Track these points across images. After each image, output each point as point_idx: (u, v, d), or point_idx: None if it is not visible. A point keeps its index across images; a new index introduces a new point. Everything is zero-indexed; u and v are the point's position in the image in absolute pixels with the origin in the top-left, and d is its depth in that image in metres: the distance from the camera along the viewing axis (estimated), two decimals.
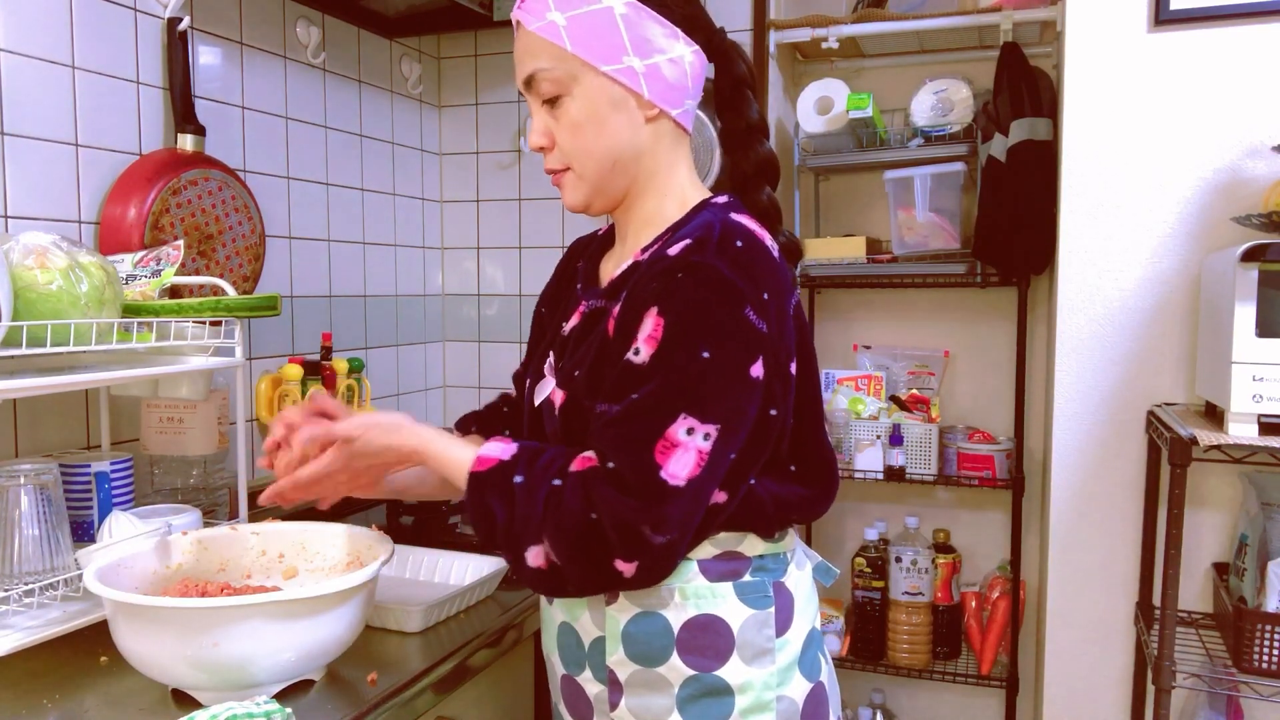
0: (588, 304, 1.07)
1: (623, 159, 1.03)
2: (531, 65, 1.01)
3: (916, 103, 2.14)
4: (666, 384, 0.91)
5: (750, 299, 0.93)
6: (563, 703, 1.10)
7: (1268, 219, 1.56)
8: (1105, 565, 1.89)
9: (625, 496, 0.89)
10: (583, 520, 0.90)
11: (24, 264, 1.11)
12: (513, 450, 0.96)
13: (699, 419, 0.90)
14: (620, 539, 0.89)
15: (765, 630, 1.01)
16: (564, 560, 0.91)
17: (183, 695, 1.01)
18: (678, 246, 0.95)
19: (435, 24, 2.17)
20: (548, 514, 0.91)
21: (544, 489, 0.92)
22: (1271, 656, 1.57)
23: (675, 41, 1.01)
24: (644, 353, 0.92)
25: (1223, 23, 1.76)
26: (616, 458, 0.90)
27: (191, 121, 1.61)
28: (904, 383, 2.32)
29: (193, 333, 1.35)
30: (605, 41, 0.98)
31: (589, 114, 1.00)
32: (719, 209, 1.02)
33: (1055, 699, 1.94)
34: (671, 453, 0.90)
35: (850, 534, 2.42)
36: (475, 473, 0.96)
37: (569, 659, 1.07)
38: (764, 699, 1.00)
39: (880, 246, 2.26)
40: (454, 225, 2.47)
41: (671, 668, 0.99)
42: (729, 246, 0.94)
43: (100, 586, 0.97)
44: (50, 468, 1.18)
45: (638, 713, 1.01)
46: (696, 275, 0.92)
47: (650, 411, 0.91)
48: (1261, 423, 1.51)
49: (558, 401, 1.02)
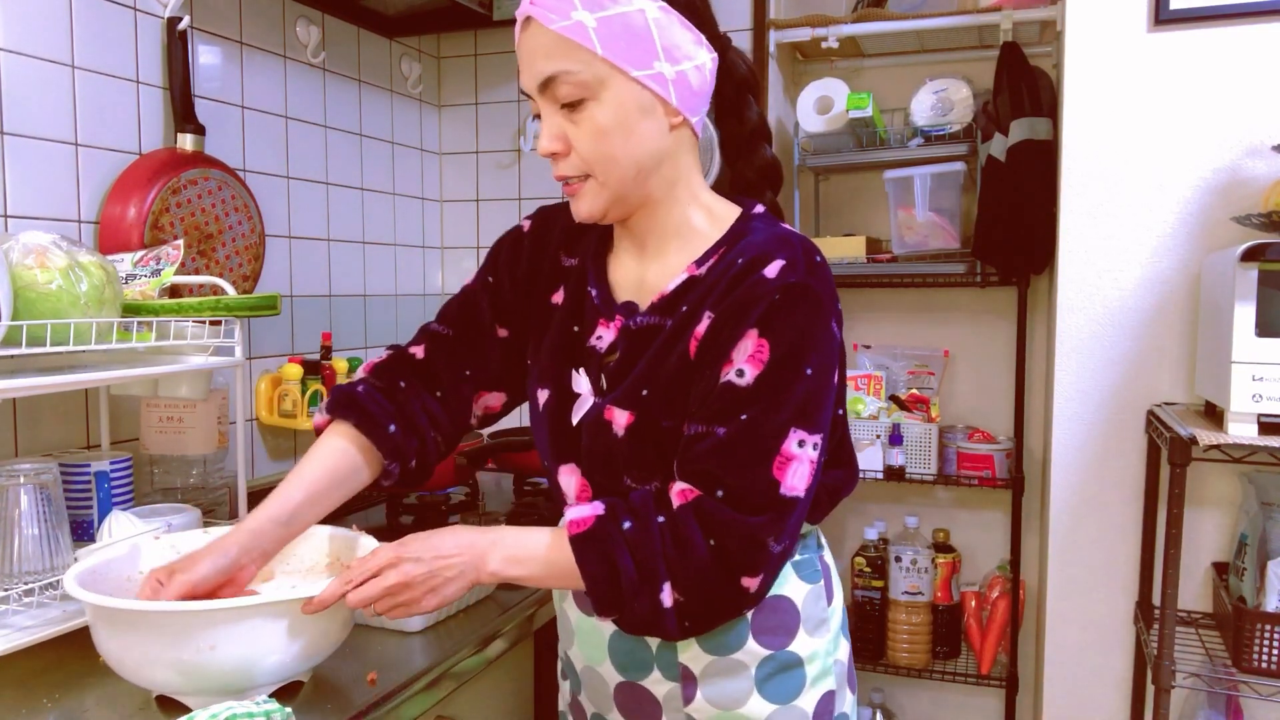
0: (634, 320, 1.03)
1: (647, 167, 1.00)
2: (551, 67, 0.95)
3: (916, 102, 2.14)
4: (778, 405, 0.93)
5: (833, 312, 0.98)
6: (617, 710, 1.09)
7: (1267, 219, 1.56)
8: (1105, 565, 1.89)
9: (747, 515, 0.92)
10: (704, 549, 0.92)
11: (24, 263, 1.11)
12: (600, 505, 0.96)
13: (808, 431, 0.94)
14: (746, 558, 0.92)
15: (820, 602, 1.07)
16: (691, 594, 0.93)
17: (168, 701, 1.00)
18: (774, 268, 0.96)
19: (435, 23, 2.17)
20: (668, 550, 0.92)
21: (655, 527, 0.93)
22: (1271, 656, 1.57)
23: (700, 48, 1.00)
24: (749, 374, 0.94)
25: (1222, 22, 1.76)
26: (732, 481, 0.93)
27: (191, 121, 1.61)
28: (904, 382, 2.32)
29: (192, 332, 1.35)
30: (638, 46, 0.95)
31: (618, 121, 0.96)
32: (767, 220, 1.05)
33: (1055, 698, 1.94)
34: (788, 467, 0.93)
35: (850, 533, 2.42)
36: (578, 535, 0.94)
37: (630, 664, 1.07)
38: (826, 665, 1.06)
39: (880, 246, 2.26)
40: (454, 225, 2.47)
41: (748, 651, 1.02)
42: (814, 264, 0.98)
43: (83, 592, 0.95)
44: (50, 467, 1.18)
45: (715, 701, 1.03)
46: (797, 296, 0.95)
47: (763, 431, 0.93)
48: (1261, 422, 1.51)
49: (622, 421, 1.00)
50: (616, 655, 1.08)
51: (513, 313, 1.16)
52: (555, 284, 1.14)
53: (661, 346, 1.00)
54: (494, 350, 1.16)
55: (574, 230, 1.15)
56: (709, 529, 0.92)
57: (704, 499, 0.93)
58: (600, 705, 1.12)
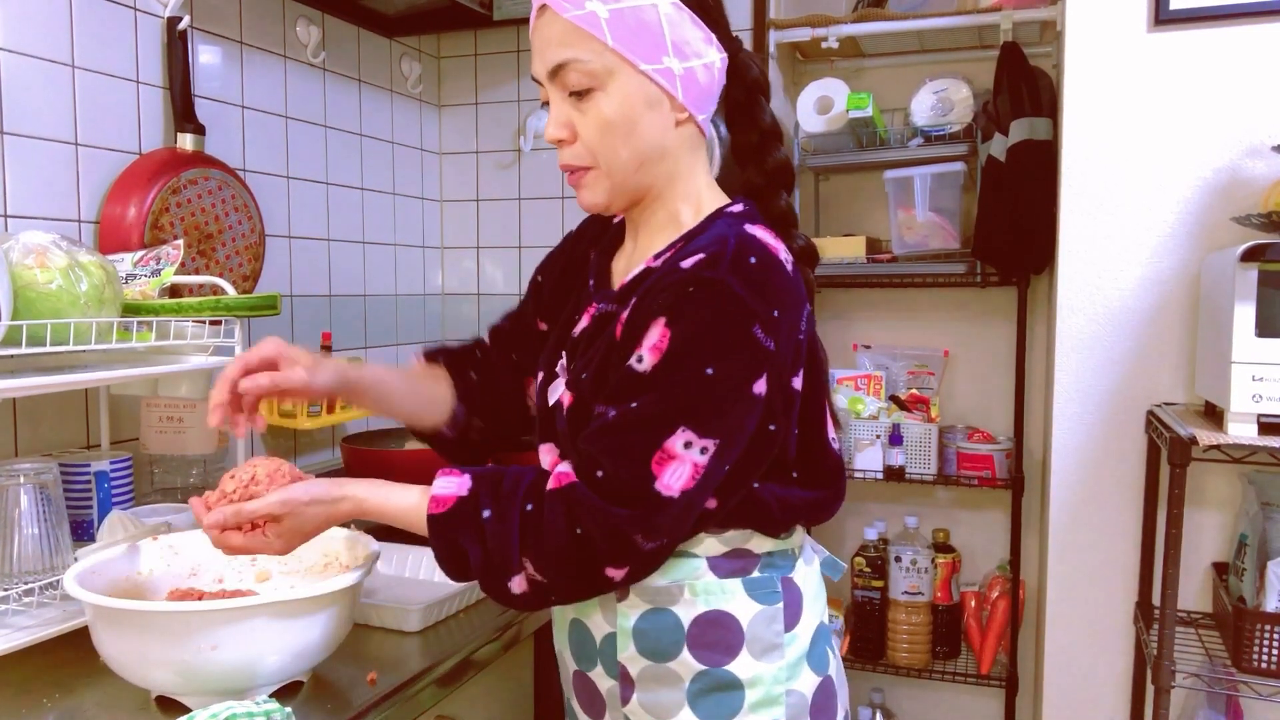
0: (598, 307, 1.06)
1: (649, 160, 1.00)
2: (563, 54, 0.96)
3: (916, 102, 2.14)
4: (668, 396, 0.91)
5: (760, 316, 0.92)
6: (575, 699, 1.10)
7: (1267, 219, 1.56)
8: (1105, 565, 1.89)
9: (616, 506, 0.90)
10: (567, 537, 0.90)
11: (24, 263, 1.11)
12: (468, 483, 0.95)
13: (697, 433, 0.91)
14: (610, 548, 0.91)
15: (774, 625, 1.01)
16: (550, 577, 0.92)
17: (168, 701, 1.00)
18: (691, 260, 0.94)
19: (435, 23, 2.17)
20: (526, 540, 0.92)
21: (516, 517, 0.92)
22: (1271, 656, 1.57)
23: (710, 47, 1.00)
24: (647, 361, 0.92)
25: (1222, 22, 1.76)
26: (610, 465, 0.91)
27: (191, 121, 1.61)
28: (903, 382, 2.32)
29: (192, 332, 1.35)
30: (647, 39, 0.96)
31: (623, 112, 0.97)
32: (734, 219, 1.02)
33: (1055, 698, 1.94)
34: (668, 464, 0.90)
35: (850, 533, 2.42)
36: (436, 515, 0.94)
37: (581, 655, 1.07)
38: (774, 693, 1.00)
39: (880, 246, 2.26)
40: (454, 224, 2.47)
41: (682, 663, 1.00)
42: (742, 262, 0.93)
43: (83, 592, 0.95)
44: (50, 467, 1.18)
45: (649, 708, 1.01)
46: (708, 291, 0.92)
47: (649, 422, 0.91)
48: (1261, 422, 1.51)
49: (565, 403, 1.02)
50: (572, 643, 1.09)
51: (550, 308, 1.21)
52: (584, 277, 1.16)
53: (604, 332, 1.02)
54: (535, 341, 1.22)
55: (605, 225, 1.19)
56: (574, 516, 0.90)
57: (575, 486, 0.91)
58: (567, 690, 1.13)
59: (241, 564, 1.19)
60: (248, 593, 1.14)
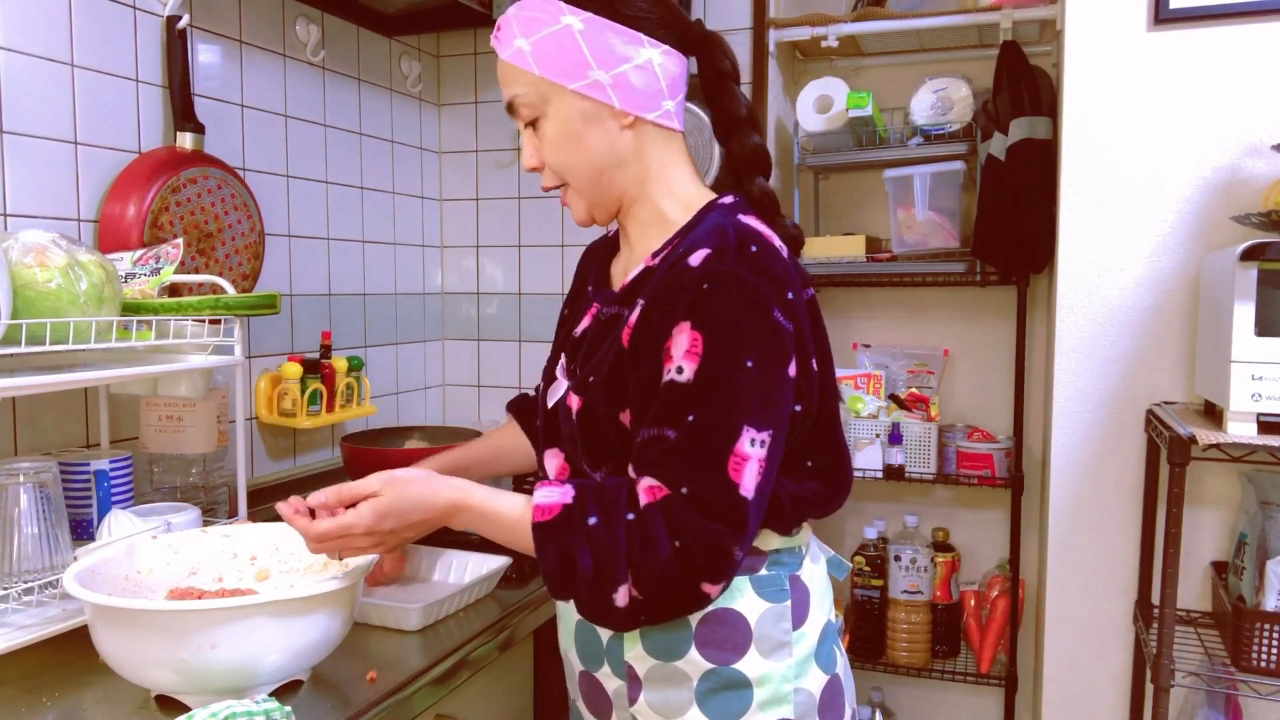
0: (600, 309, 1.07)
1: (607, 169, 1.05)
2: (509, 91, 1.05)
3: (916, 101, 2.14)
4: (722, 401, 0.92)
5: (776, 301, 0.95)
6: (581, 699, 1.10)
7: (1267, 218, 1.56)
8: (1104, 564, 1.89)
9: (711, 520, 0.90)
10: (669, 549, 0.91)
11: (23, 262, 1.11)
12: (570, 492, 0.95)
13: (757, 428, 0.92)
14: (709, 563, 0.91)
15: (782, 624, 1.02)
16: (649, 593, 0.91)
17: (167, 700, 1.00)
18: (698, 256, 0.95)
19: (435, 22, 2.17)
20: (633, 548, 0.91)
21: (622, 525, 0.92)
22: (1270, 655, 1.57)
23: (639, 47, 1.01)
24: (688, 371, 0.92)
25: (1222, 22, 1.76)
26: (690, 482, 0.91)
27: (191, 120, 1.61)
28: (903, 381, 2.32)
29: (192, 331, 1.35)
30: (568, 60, 1.00)
31: (565, 132, 1.03)
32: (725, 210, 1.03)
33: (1054, 697, 1.94)
34: (743, 467, 0.91)
35: (849, 532, 2.42)
36: (543, 522, 0.94)
37: (587, 655, 1.08)
38: (781, 691, 1.01)
39: (880, 245, 2.26)
40: (453, 224, 2.47)
41: (690, 662, 1.00)
42: (745, 252, 0.95)
43: (82, 591, 0.95)
44: (49, 466, 1.18)
45: (657, 707, 1.01)
46: (723, 285, 0.93)
47: (714, 432, 0.92)
48: (1260, 422, 1.51)
49: (574, 407, 1.02)
50: (578, 644, 1.09)
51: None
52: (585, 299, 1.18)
53: (610, 335, 1.02)
54: None
55: (606, 241, 1.22)
56: (674, 530, 0.91)
57: (672, 498, 0.91)
58: (573, 690, 1.13)
59: (241, 563, 1.19)
60: (247, 592, 1.14)
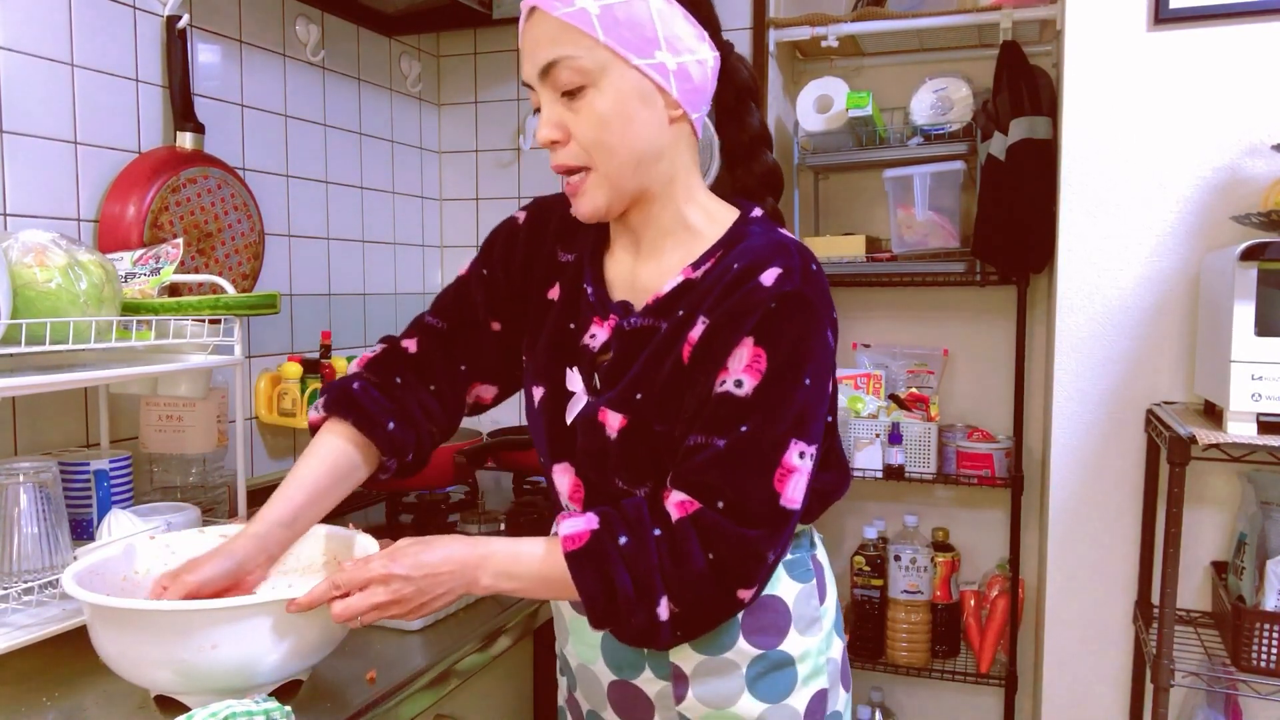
0: (624, 321, 1.03)
1: (646, 159, 0.98)
2: (554, 52, 0.95)
3: (916, 101, 2.14)
4: (777, 414, 0.93)
5: (828, 320, 0.97)
6: (611, 708, 1.10)
7: (1267, 218, 1.56)
8: (1104, 564, 1.89)
9: (748, 528, 0.91)
10: (702, 562, 0.91)
11: (23, 262, 1.11)
12: (594, 518, 0.95)
13: (806, 442, 0.94)
14: (744, 570, 0.92)
15: (812, 601, 1.07)
16: (685, 605, 0.92)
17: (167, 700, 1.00)
18: (770, 275, 0.94)
19: (435, 22, 2.16)
20: (665, 564, 0.92)
21: (652, 542, 0.92)
22: (1270, 655, 1.57)
23: (702, 44, 0.99)
24: (747, 385, 0.93)
25: (1222, 22, 1.76)
26: (733, 493, 0.92)
27: (191, 119, 1.61)
28: (903, 381, 2.32)
29: (192, 331, 1.35)
30: (639, 34, 0.94)
31: (617, 108, 0.95)
32: (764, 224, 1.04)
33: (1054, 697, 1.94)
34: (789, 479, 0.93)
35: (849, 532, 2.42)
36: (575, 551, 0.93)
37: (622, 663, 1.07)
38: (819, 664, 1.06)
39: (879, 245, 2.26)
40: (453, 223, 2.47)
41: (738, 651, 1.02)
42: (809, 271, 0.97)
43: (82, 591, 0.94)
44: (49, 466, 1.18)
45: (706, 700, 1.03)
46: (791, 306, 0.94)
47: (764, 443, 0.93)
48: (1260, 421, 1.51)
49: (615, 424, 0.99)
50: (608, 654, 1.08)
51: (506, 306, 1.16)
52: (551, 279, 1.13)
53: (656, 350, 0.99)
54: (488, 343, 1.17)
55: (571, 224, 1.13)
56: (708, 542, 0.91)
57: (704, 511, 0.92)
58: (595, 703, 1.12)
59: None
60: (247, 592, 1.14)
